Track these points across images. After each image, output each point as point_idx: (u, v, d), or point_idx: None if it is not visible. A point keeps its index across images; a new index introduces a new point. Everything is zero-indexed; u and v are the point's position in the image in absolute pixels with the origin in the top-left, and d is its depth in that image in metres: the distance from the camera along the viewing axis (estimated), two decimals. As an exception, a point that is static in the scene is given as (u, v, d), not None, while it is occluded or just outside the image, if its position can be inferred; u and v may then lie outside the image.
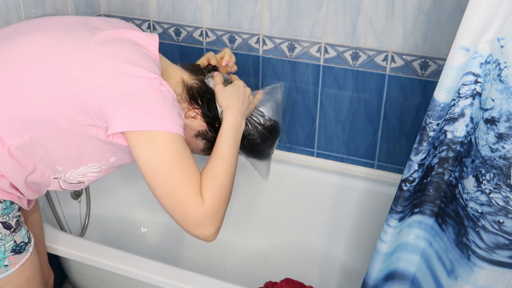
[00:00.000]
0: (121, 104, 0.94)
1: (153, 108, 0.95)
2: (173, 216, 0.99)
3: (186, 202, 0.96)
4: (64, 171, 1.07)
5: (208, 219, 0.98)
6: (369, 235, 1.68)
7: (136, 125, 0.94)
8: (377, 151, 1.71)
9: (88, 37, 1.01)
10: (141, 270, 1.31)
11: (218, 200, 1.00)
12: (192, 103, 1.13)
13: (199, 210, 0.97)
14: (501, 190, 0.99)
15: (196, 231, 0.99)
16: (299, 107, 1.74)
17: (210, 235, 1.00)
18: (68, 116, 0.97)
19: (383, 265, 1.22)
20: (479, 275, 1.07)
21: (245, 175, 1.86)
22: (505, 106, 0.94)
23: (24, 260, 1.10)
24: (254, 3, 1.64)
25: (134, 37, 1.05)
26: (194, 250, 1.89)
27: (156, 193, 0.98)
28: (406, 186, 1.11)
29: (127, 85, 0.94)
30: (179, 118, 0.98)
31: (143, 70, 0.96)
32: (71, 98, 0.95)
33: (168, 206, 0.98)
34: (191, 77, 1.15)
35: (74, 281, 1.59)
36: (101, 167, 1.10)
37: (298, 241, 1.86)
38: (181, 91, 1.12)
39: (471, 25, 0.91)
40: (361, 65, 1.59)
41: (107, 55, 0.97)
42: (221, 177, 1.03)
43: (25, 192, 1.08)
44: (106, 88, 0.94)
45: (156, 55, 1.06)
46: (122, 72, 0.95)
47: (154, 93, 0.95)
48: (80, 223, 1.81)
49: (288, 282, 1.58)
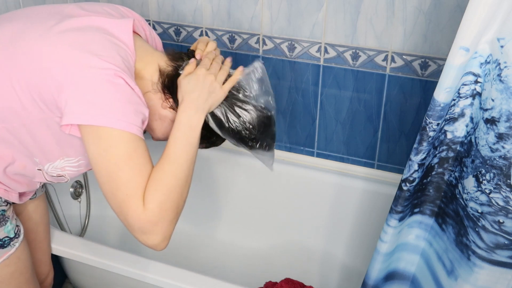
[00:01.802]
0: (72, 96, 0.89)
1: (102, 102, 0.89)
2: (117, 217, 0.94)
3: (125, 205, 0.90)
4: (42, 163, 1.05)
5: (150, 226, 0.91)
6: (369, 235, 1.68)
7: (83, 119, 0.89)
8: (377, 151, 1.71)
9: (53, 26, 0.96)
10: (141, 270, 1.31)
11: (161, 205, 0.91)
12: (166, 92, 1.04)
13: (139, 216, 0.90)
14: (501, 190, 0.99)
15: (139, 237, 0.93)
16: (299, 107, 1.74)
17: (156, 244, 0.94)
18: (29, 109, 0.94)
19: (383, 265, 1.22)
20: (479, 275, 1.07)
21: (244, 175, 1.86)
22: (505, 106, 0.93)
23: (8, 255, 1.10)
24: (254, 3, 1.64)
25: (104, 24, 0.99)
26: (194, 250, 1.89)
27: (102, 191, 0.93)
28: (406, 186, 1.11)
29: (79, 76, 0.89)
30: (134, 116, 0.91)
31: (98, 60, 0.90)
32: (30, 90, 0.93)
33: (112, 207, 0.93)
34: (168, 64, 1.05)
35: (74, 281, 1.59)
36: (79, 161, 1.07)
37: (298, 241, 1.86)
38: (157, 79, 1.04)
39: (471, 25, 0.91)
40: (361, 65, 1.59)
41: (64, 45, 0.93)
42: (167, 181, 0.93)
43: (9, 184, 1.08)
44: (59, 79, 0.90)
45: (127, 42, 0.99)
46: (75, 62, 0.90)
47: (106, 86, 0.89)
48: (80, 223, 1.81)
49: (288, 282, 1.58)
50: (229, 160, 1.86)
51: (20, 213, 1.25)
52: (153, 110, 1.05)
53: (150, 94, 1.04)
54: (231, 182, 1.88)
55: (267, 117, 1.07)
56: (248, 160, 1.84)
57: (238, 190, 1.88)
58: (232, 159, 1.85)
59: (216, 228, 1.94)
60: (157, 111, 1.06)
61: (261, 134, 1.07)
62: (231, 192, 1.89)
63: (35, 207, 1.29)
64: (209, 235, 1.93)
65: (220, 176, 1.90)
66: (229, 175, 1.88)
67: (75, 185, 1.80)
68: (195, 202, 1.89)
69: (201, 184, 1.89)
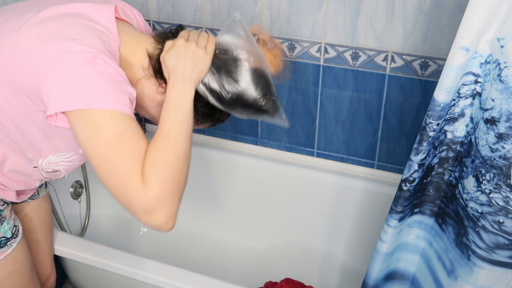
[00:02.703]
0: (52, 83, 0.87)
1: (83, 85, 0.86)
2: (118, 201, 0.90)
3: (124, 185, 0.87)
4: (35, 159, 1.04)
5: (152, 204, 0.87)
6: (369, 235, 1.68)
7: (67, 105, 0.86)
8: (377, 151, 1.71)
9: (30, 18, 0.94)
10: (141, 270, 1.31)
11: (162, 181, 0.88)
12: (157, 76, 1.00)
13: (139, 195, 0.87)
14: (501, 190, 0.99)
15: (144, 219, 0.89)
16: (299, 107, 1.74)
17: (161, 224, 0.89)
18: (13, 103, 0.93)
19: (383, 265, 1.22)
20: (479, 275, 1.07)
21: (244, 175, 1.86)
22: (505, 106, 0.93)
23: (5, 255, 1.10)
24: (254, 3, 1.64)
25: (83, 9, 0.96)
26: (194, 250, 1.89)
27: (98, 176, 0.90)
28: (406, 186, 1.11)
29: (57, 64, 0.87)
30: (120, 94, 0.88)
31: (76, 44, 0.88)
32: (11, 83, 0.92)
33: (110, 190, 0.89)
34: (155, 47, 1.01)
35: (74, 281, 1.59)
36: (72, 156, 1.06)
37: (298, 241, 1.86)
38: (148, 64, 1.00)
39: (471, 25, 0.91)
40: (361, 65, 1.59)
41: (40, 36, 0.90)
42: (164, 157, 0.90)
43: (5, 182, 1.07)
44: (38, 69, 0.88)
45: (109, 26, 0.96)
46: (52, 51, 0.88)
47: (86, 68, 0.86)
48: (80, 223, 1.81)
49: (288, 282, 1.58)
50: (229, 160, 1.86)
51: (19, 212, 1.24)
52: (150, 98, 1.02)
53: (143, 80, 1.01)
54: (231, 182, 1.88)
55: (261, 69, 1.02)
56: (248, 160, 1.84)
57: (238, 190, 1.88)
58: (232, 159, 1.85)
59: (216, 228, 1.94)
60: (154, 98, 1.02)
61: (262, 91, 1.01)
62: (231, 192, 1.89)
63: (37, 208, 1.28)
64: (209, 235, 1.93)
65: (220, 176, 1.90)
66: (229, 175, 1.88)
67: (75, 185, 1.80)
68: (195, 202, 1.89)
69: (201, 184, 1.89)
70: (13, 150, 1.02)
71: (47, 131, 0.98)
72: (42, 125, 0.96)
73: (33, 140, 1.00)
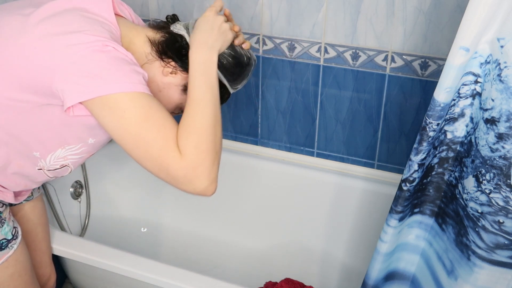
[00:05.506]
0: (68, 76, 0.88)
1: (99, 71, 0.88)
2: (159, 178, 0.93)
3: (163, 160, 0.90)
4: (43, 157, 1.05)
5: (193, 171, 0.90)
6: (369, 235, 1.68)
7: (87, 94, 0.88)
8: (377, 151, 1.71)
9: (30, 16, 0.94)
10: (141, 270, 1.31)
11: (198, 148, 0.91)
12: (163, 58, 1.05)
13: (179, 165, 0.89)
14: (501, 190, 0.99)
15: (187, 187, 0.92)
16: (299, 107, 1.74)
17: (204, 189, 0.93)
18: (19, 98, 0.94)
19: (383, 265, 1.22)
20: (479, 275, 1.07)
21: (244, 175, 1.86)
22: (505, 106, 0.93)
23: (6, 257, 1.10)
24: (254, 3, 1.64)
25: (83, 4, 0.98)
26: (194, 250, 1.89)
27: (134, 158, 0.92)
28: (406, 186, 1.11)
29: (69, 56, 0.88)
30: (135, 75, 0.91)
31: (83, 35, 0.90)
32: (20, 85, 0.92)
33: (150, 169, 0.92)
34: (155, 32, 1.07)
35: (74, 281, 1.59)
36: (81, 148, 1.06)
37: (298, 241, 1.86)
38: (150, 49, 1.05)
39: (471, 25, 0.91)
40: (361, 65, 1.59)
41: (45, 33, 0.91)
42: (197, 123, 0.93)
43: (5, 183, 1.07)
44: (49, 66, 0.89)
45: (109, 18, 0.99)
46: (60, 44, 0.89)
47: (98, 56, 0.89)
48: (80, 223, 1.81)
49: (288, 282, 1.58)
50: (229, 161, 1.86)
51: (16, 214, 1.24)
52: (154, 82, 1.05)
53: (147, 65, 1.04)
54: (230, 182, 1.88)
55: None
56: (248, 160, 1.84)
57: (238, 190, 1.88)
58: (232, 160, 1.85)
59: (216, 228, 1.94)
60: (159, 81, 1.05)
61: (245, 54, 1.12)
62: (231, 192, 1.89)
63: (32, 208, 1.28)
64: (209, 235, 1.93)
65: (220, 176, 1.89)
66: (228, 175, 1.88)
67: (75, 185, 1.80)
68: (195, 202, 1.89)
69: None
70: (18, 152, 1.02)
71: (57, 123, 0.99)
72: (51, 118, 0.97)
73: (41, 135, 1.00)
